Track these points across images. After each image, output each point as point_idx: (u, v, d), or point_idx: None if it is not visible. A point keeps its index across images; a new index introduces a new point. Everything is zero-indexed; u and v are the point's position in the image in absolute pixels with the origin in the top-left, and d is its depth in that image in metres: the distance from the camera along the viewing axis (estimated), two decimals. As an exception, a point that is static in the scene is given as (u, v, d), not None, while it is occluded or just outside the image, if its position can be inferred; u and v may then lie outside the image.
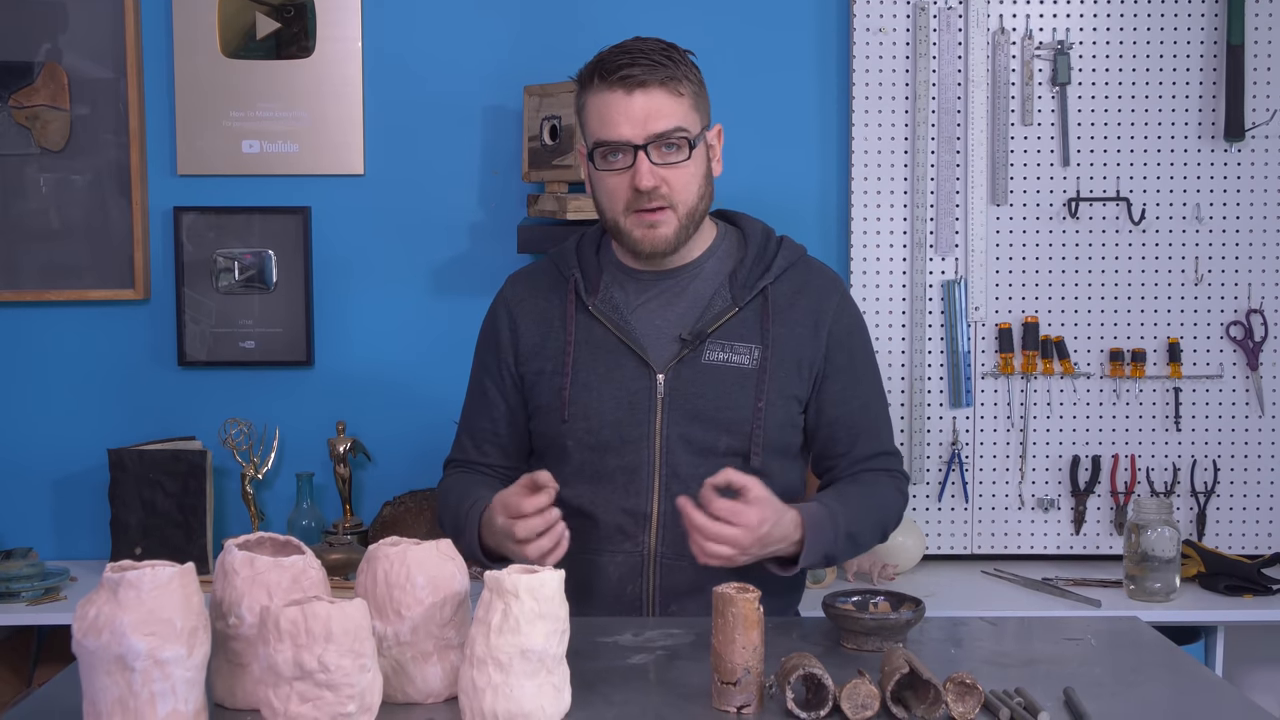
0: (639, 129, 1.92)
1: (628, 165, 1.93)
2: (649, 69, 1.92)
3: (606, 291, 2.04)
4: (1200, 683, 1.65)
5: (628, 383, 1.99)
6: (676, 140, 1.94)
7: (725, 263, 2.06)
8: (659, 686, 1.57)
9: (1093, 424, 2.88)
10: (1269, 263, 2.87)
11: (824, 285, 2.08)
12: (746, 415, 1.99)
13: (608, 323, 2.01)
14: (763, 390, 1.99)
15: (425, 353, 2.93)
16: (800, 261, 2.09)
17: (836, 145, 2.92)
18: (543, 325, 2.07)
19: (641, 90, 1.92)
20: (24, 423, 2.95)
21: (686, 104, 1.95)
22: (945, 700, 1.45)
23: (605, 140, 1.94)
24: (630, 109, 1.92)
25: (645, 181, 1.92)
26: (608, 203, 1.98)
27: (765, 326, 2.01)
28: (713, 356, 2.00)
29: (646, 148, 1.92)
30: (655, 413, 1.98)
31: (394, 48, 2.92)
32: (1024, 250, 2.87)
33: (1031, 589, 2.71)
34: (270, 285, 2.92)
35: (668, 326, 2.02)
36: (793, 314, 2.04)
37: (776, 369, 2.00)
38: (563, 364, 2.02)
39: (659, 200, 1.94)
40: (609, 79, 1.93)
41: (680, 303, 2.03)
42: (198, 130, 2.90)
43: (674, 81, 1.94)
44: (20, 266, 2.92)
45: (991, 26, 2.85)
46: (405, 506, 2.86)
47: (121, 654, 1.33)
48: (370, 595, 1.50)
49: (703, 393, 1.98)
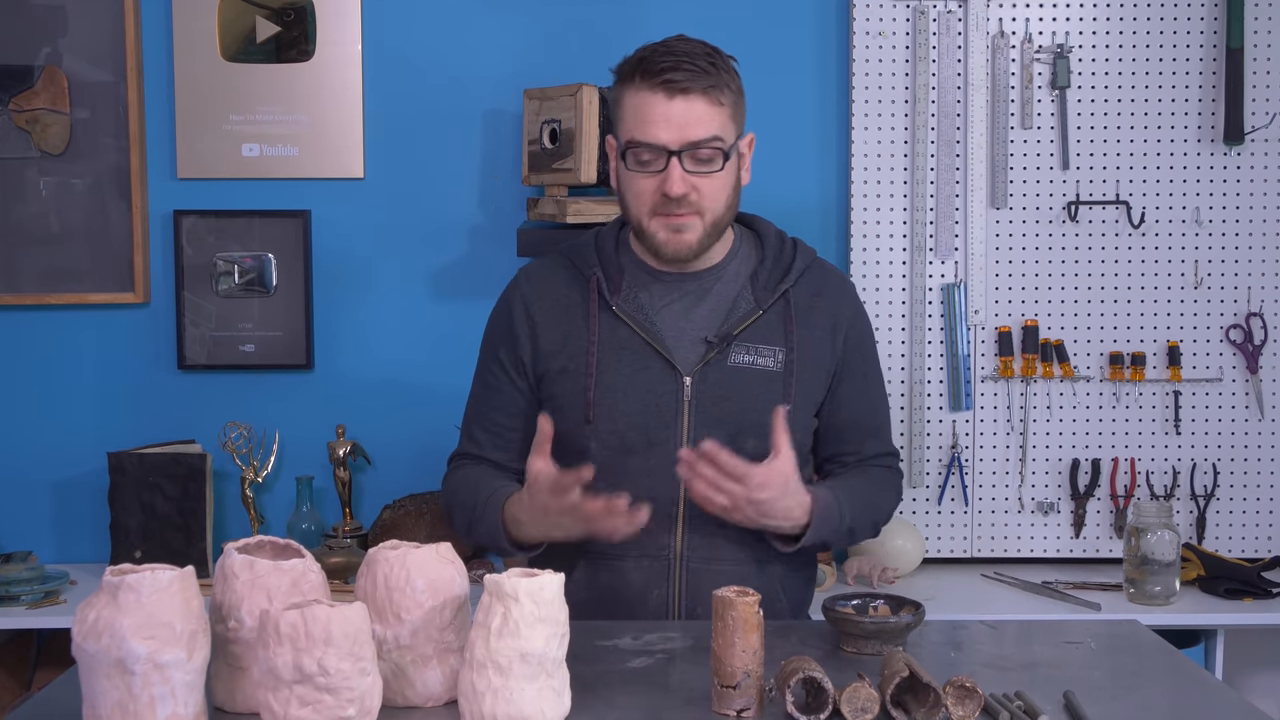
0: (676, 135, 1.90)
1: (659, 169, 1.92)
2: (693, 75, 1.90)
3: (630, 292, 2.02)
4: (1200, 686, 1.65)
5: (654, 385, 1.98)
6: (711, 150, 1.92)
7: (745, 265, 2.06)
8: (659, 690, 1.57)
9: (1092, 427, 2.88)
10: (1268, 266, 2.87)
11: (840, 289, 2.11)
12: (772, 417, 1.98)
13: (633, 324, 2.00)
14: (790, 393, 1.99)
15: (425, 356, 2.93)
16: (815, 264, 2.10)
17: (836, 149, 2.92)
18: (563, 323, 2.04)
19: (683, 96, 1.90)
20: (24, 426, 2.95)
21: (726, 113, 1.94)
22: (945, 704, 1.45)
23: (640, 141, 1.92)
24: (669, 114, 1.90)
25: (676, 189, 1.90)
26: (634, 202, 1.96)
27: (789, 329, 2.01)
28: (738, 359, 1.99)
29: (681, 154, 1.90)
30: (682, 415, 1.98)
31: (394, 51, 2.92)
32: (1024, 254, 2.87)
33: (1031, 592, 2.71)
34: (270, 289, 2.92)
35: (692, 329, 2.01)
36: (812, 316, 2.05)
37: (801, 372, 2.01)
38: (586, 364, 2.00)
39: (687, 207, 1.93)
40: (651, 79, 1.90)
41: (704, 305, 2.02)
42: (198, 134, 2.91)
43: (716, 90, 1.92)
44: (20, 270, 2.92)
45: (991, 30, 2.85)
46: (405, 510, 2.86)
47: (121, 657, 1.33)
48: (370, 599, 1.50)
49: (729, 395, 1.98)
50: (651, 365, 1.99)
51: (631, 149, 1.93)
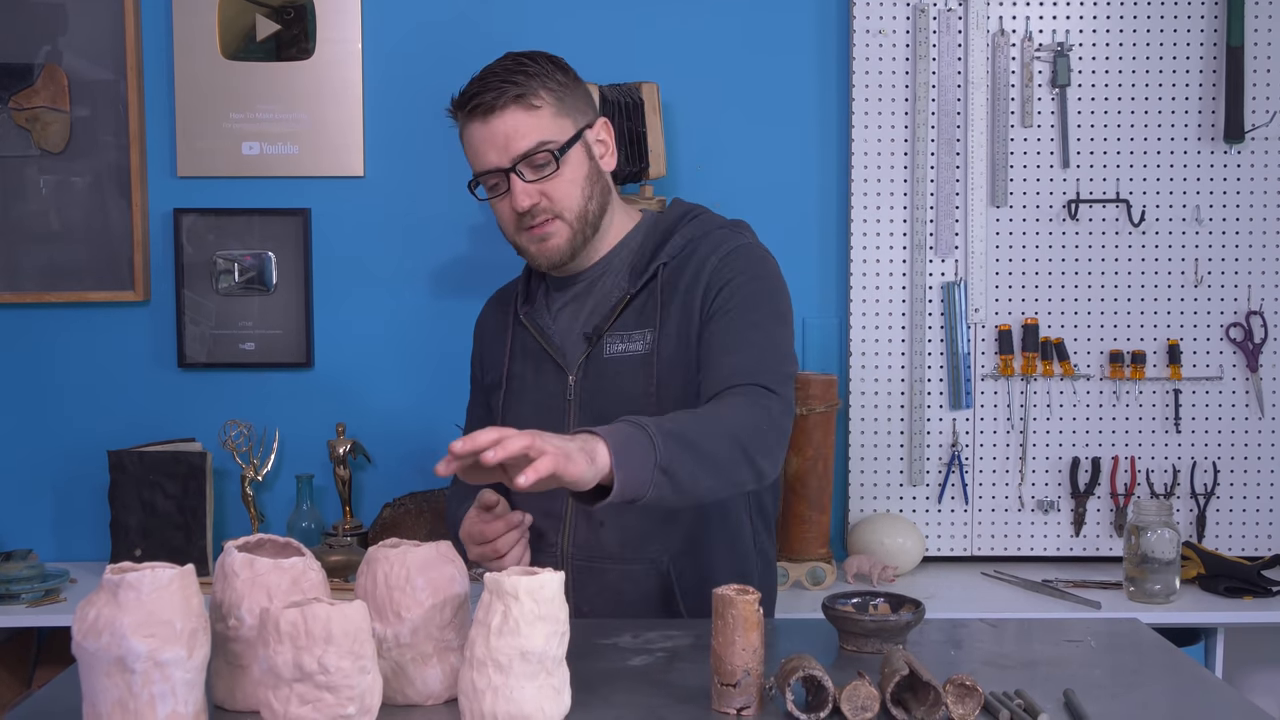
0: (503, 154, 1.94)
1: (506, 190, 1.96)
2: (498, 92, 1.93)
3: (541, 302, 2.09)
4: (1200, 685, 1.65)
5: (547, 386, 2.03)
6: (543, 154, 1.94)
7: (631, 255, 2.05)
8: (659, 688, 1.57)
9: (1092, 426, 2.88)
10: (1269, 264, 2.87)
11: (711, 246, 1.96)
12: (645, 405, 1.91)
13: (533, 330, 2.06)
14: (652, 374, 1.94)
15: (425, 355, 2.93)
16: (705, 235, 1.98)
17: (836, 147, 2.92)
18: (496, 341, 2.13)
19: (497, 114, 1.93)
20: (24, 424, 2.95)
21: (546, 115, 1.94)
22: (945, 702, 1.45)
23: (480, 170, 1.98)
24: (491, 136, 1.94)
25: (520, 203, 1.94)
26: (503, 227, 2.02)
27: (657, 308, 1.96)
28: (613, 349, 1.99)
29: (516, 169, 1.94)
30: (568, 414, 2.00)
31: (394, 49, 2.92)
32: (1024, 252, 2.87)
33: (1031, 591, 2.71)
34: (270, 287, 2.92)
35: (579, 327, 2.03)
36: (681, 284, 1.95)
37: (664, 347, 1.94)
38: (500, 375, 2.08)
39: (543, 214, 1.96)
40: (466, 109, 1.97)
41: (589, 301, 2.04)
42: (198, 132, 2.90)
43: (527, 96, 1.93)
44: (20, 268, 2.92)
45: (991, 28, 2.85)
46: (405, 508, 2.86)
47: (121, 656, 1.33)
48: (370, 597, 1.50)
49: (605, 388, 1.98)
50: (547, 369, 2.03)
51: (479, 180, 2.00)
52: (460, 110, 1.99)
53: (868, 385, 2.87)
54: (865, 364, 2.86)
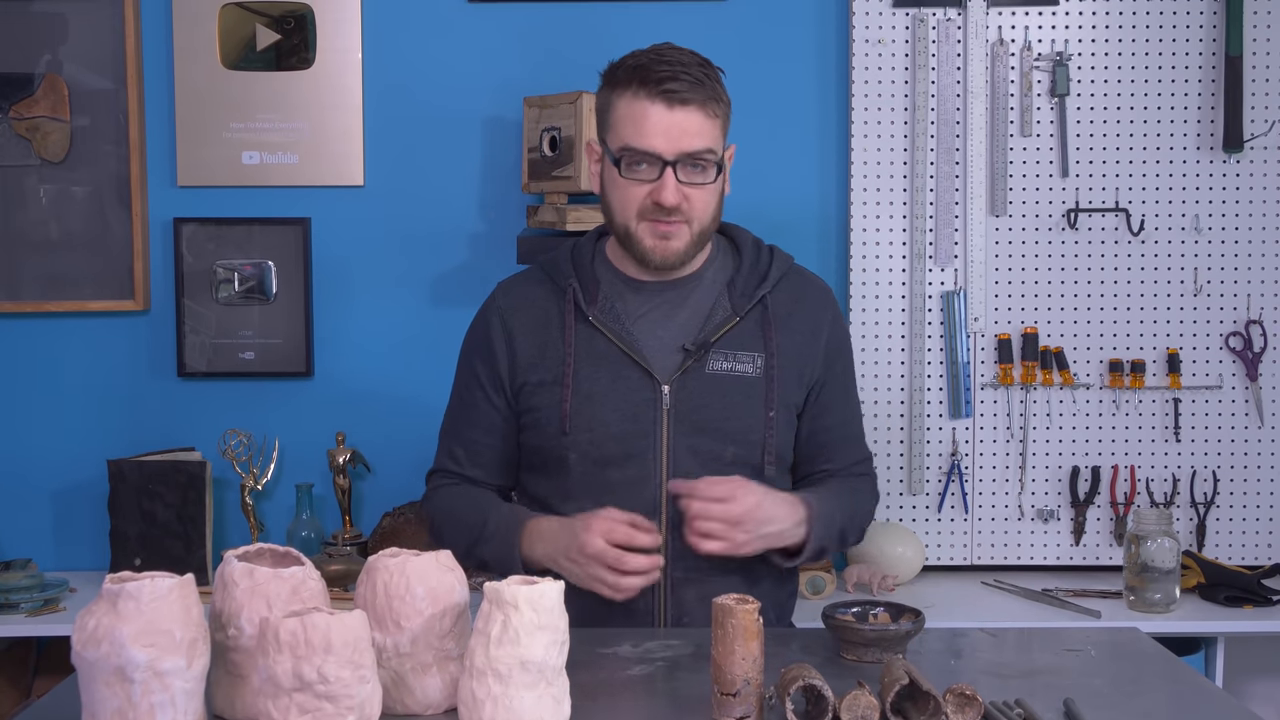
0: (672, 145, 1.91)
1: (652, 178, 1.93)
2: (692, 86, 1.91)
3: (606, 302, 2.02)
4: (1200, 694, 1.65)
5: (631, 394, 1.98)
6: (704, 161, 1.94)
7: (722, 273, 2.07)
8: (659, 698, 1.57)
9: (1092, 435, 2.88)
10: (1268, 273, 2.87)
11: (819, 296, 2.12)
12: (753, 424, 2.00)
13: (609, 333, 2.00)
14: (772, 399, 2.00)
15: (425, 364, 2.93)
16: (792, 270, 2.11)
17: (836, 156, 2.93)
18: (540, 335, 2.04)
19: (682, 107, 1.91)
20: (23, 434, 2.95)
21: (718, 126, 1.95)
22: (945, 711, 1.45)
23: (636, 149, 1.92)
24: (668, 124, 1.91)
25: (670, 198, 1.92)
26: (621, 207, 1.97)
27: (768, 335, 2.02)
28: (717, 366, 2.00)
29: (675, 164, 1.92)
30: (661, 424, 1.98)
31: (394, 59, 2.92)
32: (1023, 261, 2.87)
33: (1031, 600, 2.71)
34: (270, 296, 2.92)
35: (670, 337, 2.01)
36: (791, 323, 2.05)
37: (780, 376, 2.02)
38: (562, 375, 2.00)
39: (677, 216, 1.94)
40: (649, 88, 1.91)
41: (681, 313, 2.03)
42: (198, 141, 2.91)
43: (712, 103, 1.94)
44: (20, 278, 2.92)
45: (990, 38, 2.85)
46: (405, 517, 2.86)
47: (121, 665, 1.33)
48: (370, 606, 1.50)
49: (709, 403, 1.98)
50: (629, 375, 1.99)
51: (626, 156, 1.94)
52: (640, 84, 1.92)
53: (867, 394, 2.87)
54: (865, 373, 2.86)
